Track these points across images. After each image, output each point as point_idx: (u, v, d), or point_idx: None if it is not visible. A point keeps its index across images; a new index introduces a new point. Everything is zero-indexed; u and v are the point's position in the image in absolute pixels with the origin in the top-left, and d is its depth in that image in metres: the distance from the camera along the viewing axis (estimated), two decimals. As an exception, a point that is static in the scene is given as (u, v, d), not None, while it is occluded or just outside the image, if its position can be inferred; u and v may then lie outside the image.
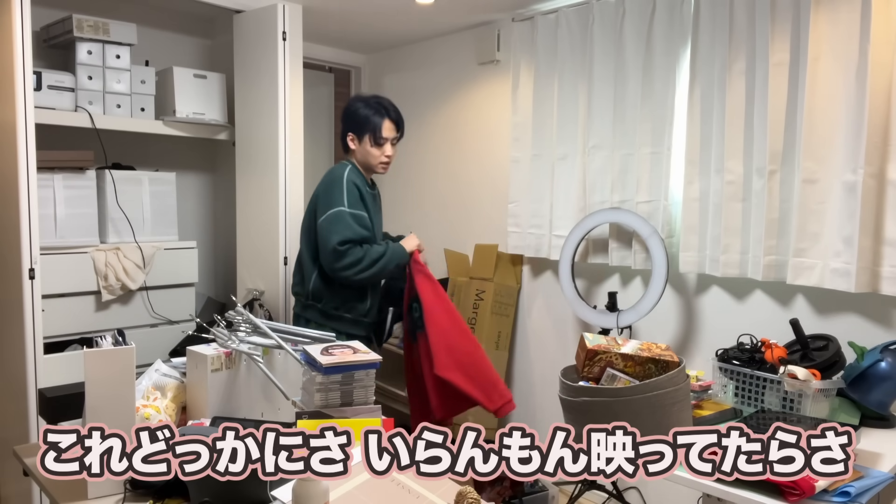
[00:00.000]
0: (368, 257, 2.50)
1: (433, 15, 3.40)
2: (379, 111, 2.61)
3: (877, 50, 2.20)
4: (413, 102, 3.99)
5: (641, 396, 1.63)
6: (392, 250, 2.58)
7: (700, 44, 2.65)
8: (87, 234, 2.89)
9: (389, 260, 2.55)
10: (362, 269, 2.49)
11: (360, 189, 2.56)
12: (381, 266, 2.53)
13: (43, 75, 2.77)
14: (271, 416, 1.84)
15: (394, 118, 2.64)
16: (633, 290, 3.02)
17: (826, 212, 2.36)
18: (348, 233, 2.48)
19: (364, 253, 2.50)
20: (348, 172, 2.58)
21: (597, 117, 2.98)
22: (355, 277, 2.50)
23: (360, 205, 2.54)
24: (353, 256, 2.47)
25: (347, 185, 2.54)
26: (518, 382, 3.54)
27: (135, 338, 1.66)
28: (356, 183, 2.57)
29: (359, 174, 2.63)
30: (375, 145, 2.61)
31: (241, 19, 3.23)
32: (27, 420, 2.52)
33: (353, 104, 2.66)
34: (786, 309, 2.57)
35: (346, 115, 2.67)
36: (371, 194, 2.67)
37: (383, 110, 2.62)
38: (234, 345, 1.79)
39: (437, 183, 3.89)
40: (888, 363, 1.97)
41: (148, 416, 1.63)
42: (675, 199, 2.82)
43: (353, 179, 2.57)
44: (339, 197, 2.52)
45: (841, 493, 1.47)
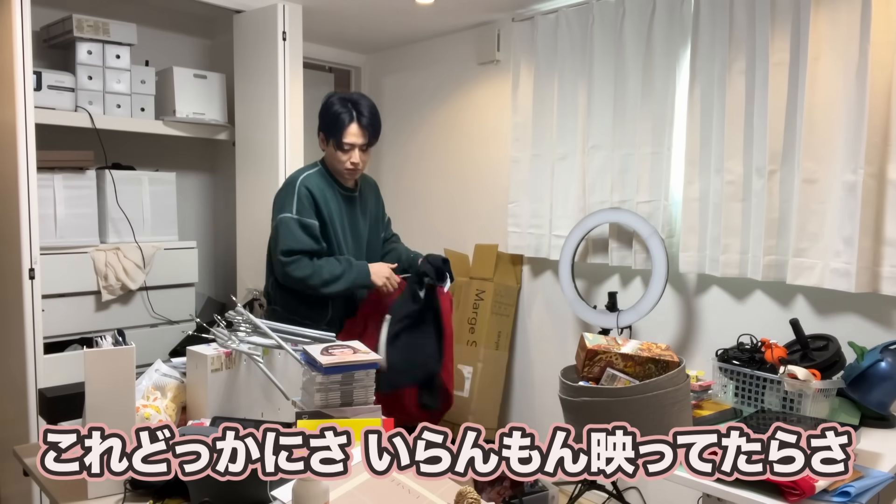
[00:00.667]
0: (319, 275, 2.36)
1: (433, 15, 3.40)
2: (350, 112, 2.41)
3: (877, 50, 2.20)
4: (413, 102, 3.99)
5: (641, 396, 1.63)
6: (354, 272, 2.42)
7: (700, 44, 2.65)
8: (87, 234, 2.89)
9: (348, 281, 2.40)
10: (315, 287, 2.37)
11: (315, 196, 2.41)
12: (339, 287, 2.38)
13: (43, 75, 2.77)
14: (271, 416, 1.84)
15: (364, 124, 2.41)
16: (633, 290, 3.02)
17: (826, 212, 2.36)
18: (292, 242, 2.35)
19: (314, 269, 2.36)
20: (304, 177, 2.44)
21: (597, 117, 2.98)
22: (310, 292, 2.39)
23: (311, 213, 2.39)
24: (302, 271, 2.35)
25: (299, 190, 2.39)
26: (518, 382, 3.54)
27: (135, 338, 1.66)
28: (310, 188, 2.41)
29: (323, 178, 2.48)
30: (340, 150, 2.43)
31: (241, 19, 3.23)
32: (27, 420, 2.52)
33: (328, 99, 2.48)
34: (786, 309, 2.57)
35: (320, 111, 2.49)
36: (345, 197, 2.52)
37: (354, 113, 2.41)
38: (234, 345, 1.79)
39: (437, 183, 3.89)
40: (888, 363, 1.97)
41: (148, 416, 1.63)
42: (675, 199, 2.83)
43: (308, 184, 2.41)
44: (288, 203, 2.39)
45: (841, 493, 1.47)
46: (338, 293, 2.42)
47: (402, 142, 4.08)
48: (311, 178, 2.46)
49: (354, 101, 2.45)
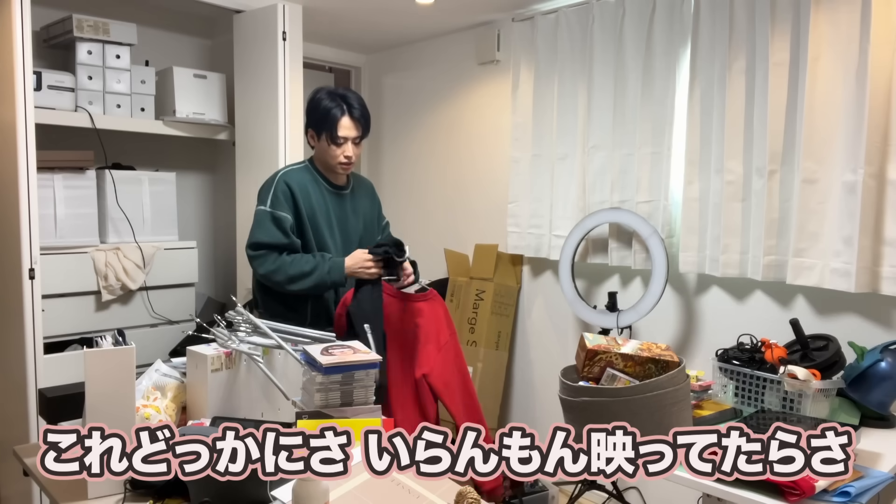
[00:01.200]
0: (284, 271, 2.28)
1: (433, 15, 3.40)
2: (340, 106, 2.37)
3: (877, 50, 2.20)
4: (413, 102, 3.99)
5: (641, 396, 1.63)
6: (325, 267, 2.31)
7: (700, 44, 2.65)
8: (87, 234, 2.89)
9: (317, 278, 2.29)
10: (281, 283, 2.29)
11: (294, 191, 2.36)
12: (307, 284, 2.29)
13: (43, 75, 2.77)
14: (271, 416, 1.84)
15: (356, 116, 2.39)
16: (633, 290, 3.02)
17: (826, 212, 2.36)
18: (260, 235, 2.31)
19: (279, 264, 2.29)
20: (285, 172, 2.41)
21: (597, 117, 2.98)
22: (282, 289, 2.31)
23: (285, 207, 2.33)
24: (266, 266, 2.30)
25: (277, 184, 2.36)
26: (518, 382, 3.54)
27: (135, 338, 1.66)
28: (289, 183, 2.36)
29: (311, 172, 2.44)
30: (333, 144, 2.38)
31: (241, 19, 3.23)
32: (27, 420, 2.52)
33: (315, 95, 2.43)
34: (786, 309, 2.57)
35: (308, 108, 2.44)
36: (334, 195, 2.47)
37: (345, 106, 2.37)
38: (234, 345, 1.79)
39: (437, 183, 3.89)
40: (888, 363, 1.97)
41: (148, 416, 1.63)
42: (675, 199, 2.83)
43: (287, 179, 2.38)
44: (264, 197, 2.36)
45: (841, 493, 1.47)
46: (306, 291, 2.33)
47: (401, 142, 4.08)
48: (294, 173, 2.42)
49: (343, 94, 2.42)
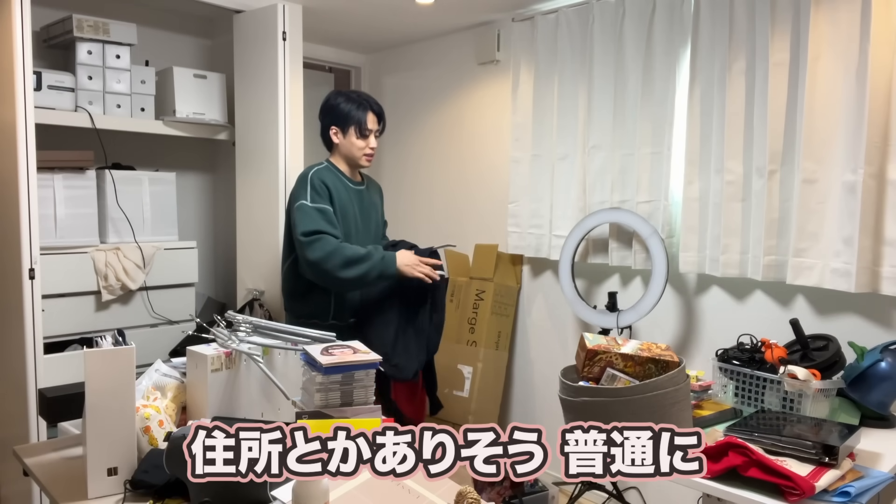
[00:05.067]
0: (341, 253, 2.34)
1: (433, 15, 3.40)
2: (362, 104, 2.57)
3: (877, 50, 2.20)
4: (413, 102, 3.99)
5: (641, 396, 1.63)
6: (378, 257, 2.42)
7: (700, 44, 2.65)
8: (87, 234, 2.89)
9: (370, 266, 2.38)
10: (335, 267, 2.34)
11: (329, 186, 2.48)
12: (361, 270, 2.36)
13: (43, 75, 2.77)
14: (271, 416, 1.84)
15: (376, 111, 2.60)
16: (633, 290, 3.02)
17: (826, 212, 2.36)
18: (310, 224, 2.39)
19: (336, 246, 2.35)
20: (315, 171, 2.52)
21: (597, 117, 2.98)
22: (333, 276, 2.35)
23: (325, 201, 2.45)
24: (324, 248, 2.34)
25: (312, 181, 2.47)
26: (518, 382, 3.54)
27: (135, 338, 1.66)
28: (324, 181, 2.49)
29: (333, 171, 2.56)
30: (361, 137, 2.55)
31: (241, 19, 3.23)
32: (27, 420, 2.52)
33: (333, 98, 2.60)
34: (786, 309, 2.57)
35: (327, 110, 2.60)
36: (355, 190, 2.60)
37: (366, 103, 2.58)
38: (234, 345, 1.79)
39: (437, 183, 3.89)
40: (888, 363, 1.97)
41: (148, 416, 1.63)
42: (675, 199, 2.83)
43: (320, 177, 2.50)
44: (302, 193, 2.46)
45: (841, 493, 1.47)
46: (354, 279, 2.38)
47: (402, 142, 4.08)
48: (322, 171, 2.54)
49: (359, 94, 2.62)
